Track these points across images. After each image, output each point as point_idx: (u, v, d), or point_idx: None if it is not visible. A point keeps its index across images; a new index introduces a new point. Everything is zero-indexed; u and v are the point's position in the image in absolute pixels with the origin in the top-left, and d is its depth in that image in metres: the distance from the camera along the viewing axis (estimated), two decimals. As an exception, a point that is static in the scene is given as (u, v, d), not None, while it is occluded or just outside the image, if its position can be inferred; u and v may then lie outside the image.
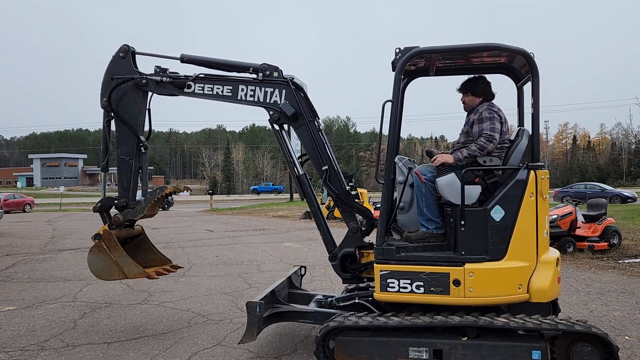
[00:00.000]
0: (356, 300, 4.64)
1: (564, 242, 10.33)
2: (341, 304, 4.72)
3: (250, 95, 4.84)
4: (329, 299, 4.94)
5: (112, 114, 5.12)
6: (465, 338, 3.83)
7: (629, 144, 79.26)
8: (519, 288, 3.91)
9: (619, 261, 9.53)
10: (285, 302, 4.98)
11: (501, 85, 4.68)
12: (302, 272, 5.95)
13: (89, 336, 5.39)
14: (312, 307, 4.89)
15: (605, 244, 10.58)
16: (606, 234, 10.79)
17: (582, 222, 10.89)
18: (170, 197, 31.62)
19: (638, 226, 14.90)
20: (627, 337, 5.05)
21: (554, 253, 4.19)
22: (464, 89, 4.55)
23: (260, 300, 4.39)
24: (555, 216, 10.35)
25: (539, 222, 3.98)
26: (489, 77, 4.60)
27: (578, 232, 10.63)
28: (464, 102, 4.59)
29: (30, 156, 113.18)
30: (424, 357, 3.85)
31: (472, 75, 4.55)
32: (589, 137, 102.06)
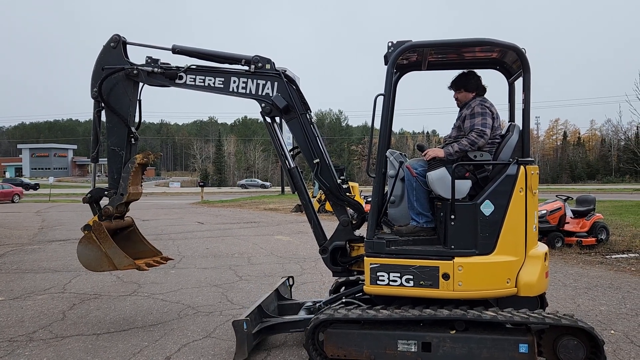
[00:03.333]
0: (344, 299, 4.62)
1: (552, 237, 10.43)
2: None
3: (242, 88, 4.82)
4: (317, 304, 4.92)
5: (103, 105, 5.08)
6: (454, 331, 3.86)
7: (619, 141, 79.94)
8: (508, 282, 3.94)
9: (607, 256, 9.64)
10: (274, 314, 4.95)
11: (492, 81, 4.69)
12: (291, 283, 5.91)
13: (78, 327, 5.38)
14: (302, 314, 4.87)
15: (593, 239, 10.68)
16: (594, 229, 10.88)
17: (571, 217, 10.99)
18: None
19: (626, 222, 15.06)
20: (612, 332, 5.12)
21: (543, 248, 4.23)
22: (455, 86, 4.55)
23: (247, 317, 4.36)
24: (545, 211, 10.43)
25: (528, 217, 4.01)
26: (480, 72, 4.62)
27: (567, 227, 10.73)
28: (456, 99, 4.60)
29: (19, 146, 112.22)
30: (413, 350, 3.88)
31: (462, 71, 4.56)
32: (579, 134, 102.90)
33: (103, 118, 5.19)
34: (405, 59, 4.76)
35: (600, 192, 40.60)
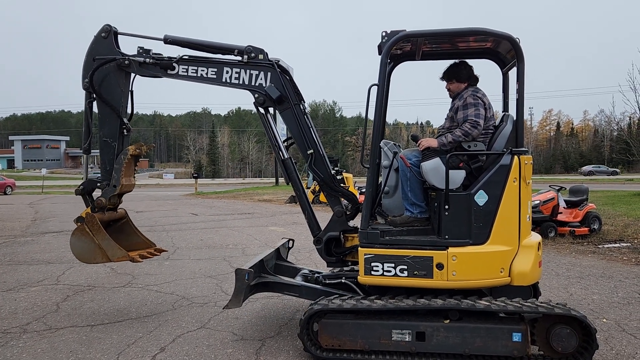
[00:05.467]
0: (342, 280, 4.66)
1: (545, 227, 10.49)
2: (327, 282, 4.74)
3: (235, 78, 4.79)
4: (315, 275, 4.97)
5: (94, 96, 5.03)
6: (448, 321, 3.88)
7: (611, 131, 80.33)
8: (501, 272, 3.96)
9: (599, 246, 9.71)
10: (272, 272, 4.99)
11: (487, 71, 4.68)
12: (290, 245, 5.97)
13: (71, 319, 5.36)
14: (299, 280, 4.91)
15: (586, 229, 10.75)
16: (587, 219, 10.95)
17: (564, 207, 11.05)
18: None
19: (618, 212, 15.16)
20: (604, 320, 5.16)
21: (536, 237, 4.25)
22: (447, 76, 4.54)
23: (250, 268, 4.41)
24: (538, 202, 10.48)
25: (521, 206, 4.02)
26: (474, 62, 4.60)
27: (560, 217, 10.80)
28: (449, 90, 4.58)
29: (10, 137, 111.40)
30: (407, 340, 3.89)
31: (453, 62, 4.54)
32: (572, 124, 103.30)
33: (95, 109, 5.15)
34: (399, 48, 4.74)
35: (592, 182, 40.81)
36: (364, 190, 4.58)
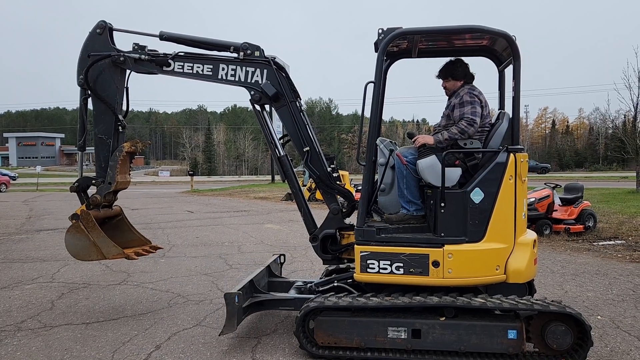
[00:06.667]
0: (335, 284, 4.65)
1: (541, 225, 10.52)
2: (320, 289, 4.74)
3: (231, 75, 4.77)
4: (309, 285, 4.94)
5: (89, 92, 5.01)
6: (443, 318, 3.89)
7: (606, 129, 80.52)
8: (497, 269, 3.97)
9: (594, 243, 9.74)
10: (265, 291, 4.96)
11: (483, 68, 4.68)
12: (282, 260, 5.92)
13: (66, 317, 5.34)
14: (292, 294, 4.88)
15: (581, 226, 10.80)
16: (582, 216, 11.00)
17: (559, 205, 11.09)
18: None
19: (613, 209, 15.22)
20: (599, 317, 5.18)
21: (531, 235, 4.26)
22: (443, 74, 4.54)
23: (239, 290, 4.35)
24: (533, 199, 10.52)
25: (517, 204, 4.03)
26: (470, 59, 4.60)
27: (555, 214, 10.83)
28: (445, 88, 4.58)
29: (5, 135, 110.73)
30: (403, 337, 3.90)
31: (449, 60, 4.55)
32: (568, 122, 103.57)
33: (90, 106, 5.12)
34: (396, 46, 4.74)
35: (588, 180, 40.95)
36: (360, 187, 4.57)
